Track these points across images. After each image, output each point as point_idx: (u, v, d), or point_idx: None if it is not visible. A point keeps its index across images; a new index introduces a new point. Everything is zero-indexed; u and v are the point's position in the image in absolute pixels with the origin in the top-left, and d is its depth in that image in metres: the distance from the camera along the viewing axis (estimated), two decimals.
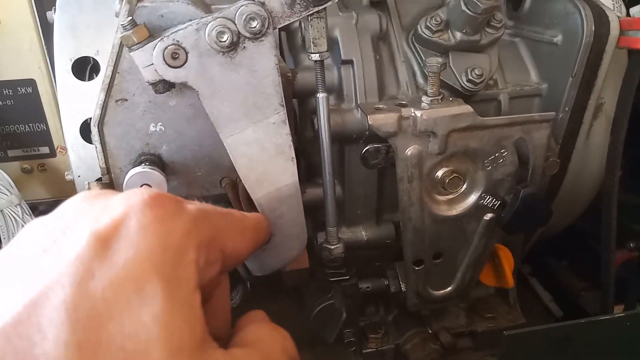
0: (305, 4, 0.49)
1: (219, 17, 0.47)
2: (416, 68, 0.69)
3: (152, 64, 0.47)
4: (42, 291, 0.28)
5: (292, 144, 0.52)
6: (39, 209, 1.03)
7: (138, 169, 0.53)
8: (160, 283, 0.29)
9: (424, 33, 0.66)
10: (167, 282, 0.30)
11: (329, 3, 0.50)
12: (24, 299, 0.27)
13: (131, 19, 0.47)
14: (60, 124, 0.99)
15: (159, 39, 0.47)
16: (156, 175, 0.53)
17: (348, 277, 0.70)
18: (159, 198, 0.33)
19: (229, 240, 0.38)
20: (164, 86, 0.49)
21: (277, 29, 0.50)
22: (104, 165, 0.56)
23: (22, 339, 0.26)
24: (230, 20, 0.47)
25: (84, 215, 0.33)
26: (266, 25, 0.48)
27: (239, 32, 0.48)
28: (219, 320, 0.40)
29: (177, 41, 0.47)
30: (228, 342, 0.38)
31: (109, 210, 0.32)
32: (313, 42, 0.52)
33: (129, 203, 0.32)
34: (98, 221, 0.31)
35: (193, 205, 0.36)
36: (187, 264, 0.32)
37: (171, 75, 0.48)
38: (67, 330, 0.26)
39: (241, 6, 0.47)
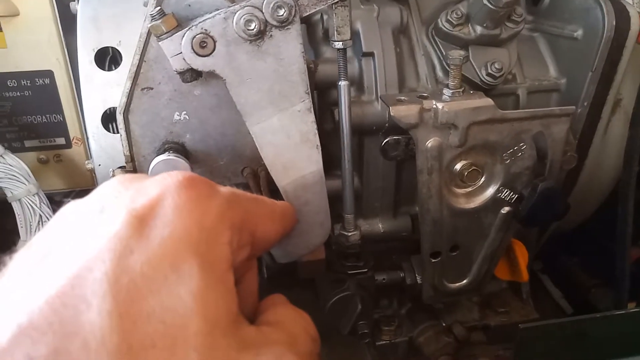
0: None
1: (247, 6, 0.48)
2: (436, 61, 0.69)
3: (181, 52, 0.48)
4: (84, 265, 0.29)
5: (317, 131, 0.53)
6: (54, 199, 1.04)
7: (163, 156, 0.54)
8: (196, 261, 0.30)
9: (444, 27, 0.66)
10: (202, 261, 0.31)
11: None
12: (67, 273, 0.28)
13: (160, 9, 0.48)
14: (78, 114, 1.00)
15: (187, 28, 0.48)
16: (181, 163, 0.54)
17: (366, 270, 0.70)
18: (194, 180, 0.34)
19: (259, 224, 0.39)
20: (191, 75, 0.49)
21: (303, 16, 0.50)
22: (128, 153, 0.57)
23: (67, 308, 0.27)
24: (258, 8, 0.48)
25: (121, 196, 0.34)
26: (293, 14, 0.49)
27: (266, 20, 0.48)
28: (246, 305, 0.41)
29: (206, 30, 0.48)
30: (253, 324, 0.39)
31: (144, 192, 0.33)
32: (337, 31, 0.53)
33: (164, 184, 0.33)
34: (134, 201, 0.32)
35: (225, 189, 0.37)
36: (222, 245, 0.33)
37: (199, 63, 0.48)
38: (110, 300, 0.27)
39: None
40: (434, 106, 0.58)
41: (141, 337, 0.27)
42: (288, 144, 0.53)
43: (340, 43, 0.53)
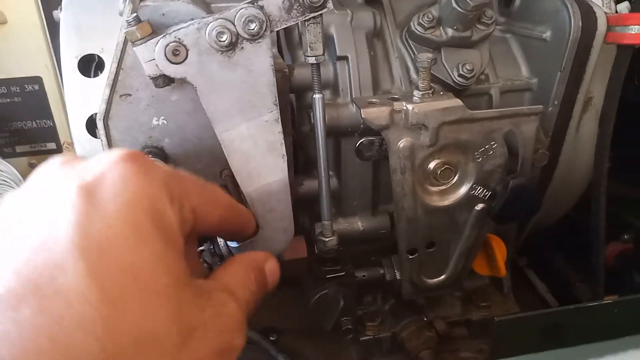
0: (301, 9, 0.51)
1: (220, 18, 0.50)
2: (410, 64, 0.71)
3: (154, 59, 0.50)
4: (48, 235, 0.31)
5: (283, 141, 0.54)
6: None
7: None
8: (152, 225, 0.34)
9: (417, 30, 0.68)
10: (157, 226, 0.34)
11: (325, 10, 0.52)
12: (29, 245, 0.31)
13: (136, 16, 0.50)
14: (67, 120, 1.02)
15: (162, 35, 0.50)
16: None
17: (344, 273, 0.72)
18: (134, 154, 0.37)
19: (201, 203, 0.41)
20: (164, 80, 0.51)
21: (274, 32, 0.52)
22: None
23: (41, 276, 0.29)
24: (230, 21, 0.50)
25: (67, 174, 0.36)
26: (264, 28, 0.50)
27: (237, 33, 0.50)
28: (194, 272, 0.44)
29: (179, 39, 0.50)
30: None
31: (89, 168, 0.36)
32: (309, 46, 0.54)
33: (107, 160, 0.36)
34: (81, 177, 0.35)
35: (165, 166, 0.41)
36: (171, 213, 0.36)
37: (171, 70, 0.50)
38: (83, 264, 0.30)
39: (241, 9, 0.50)
40: (404, 107, 0.60)
41: (118, 290, 0.30)
42: (255, 152, 0.54)
43: (313, 58, 0.55)
